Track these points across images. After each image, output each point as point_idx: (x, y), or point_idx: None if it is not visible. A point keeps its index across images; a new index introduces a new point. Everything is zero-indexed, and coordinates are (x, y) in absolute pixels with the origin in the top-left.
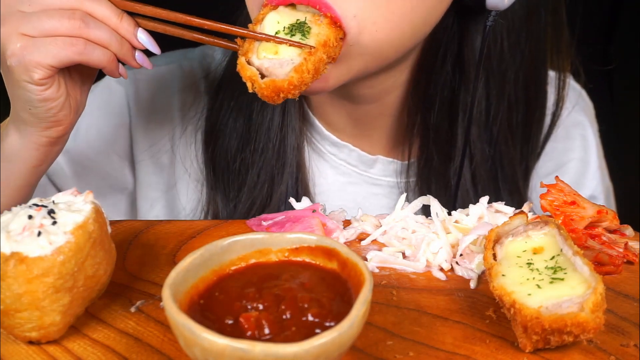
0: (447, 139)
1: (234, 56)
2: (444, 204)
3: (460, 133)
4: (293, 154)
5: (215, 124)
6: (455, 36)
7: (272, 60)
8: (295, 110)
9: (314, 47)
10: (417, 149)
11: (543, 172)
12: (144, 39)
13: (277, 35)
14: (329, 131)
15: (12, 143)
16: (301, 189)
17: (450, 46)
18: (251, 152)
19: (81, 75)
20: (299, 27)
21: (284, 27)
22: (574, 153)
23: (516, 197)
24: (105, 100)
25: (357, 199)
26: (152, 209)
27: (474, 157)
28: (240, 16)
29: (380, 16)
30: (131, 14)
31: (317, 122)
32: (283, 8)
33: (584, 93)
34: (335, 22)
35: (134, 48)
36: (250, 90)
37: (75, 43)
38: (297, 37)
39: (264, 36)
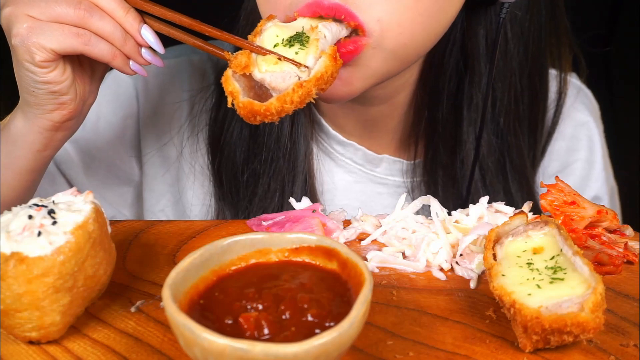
0: (452, 132)
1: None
2: (451, 198)
3: (466, 126)
4: (305, 162)
5: (220, 136)
6: (460, 29)
7: (274, 73)
8: (305, 116)
9: (308, 68)
10: (424, 146)
11: (549, 172)
12: (147, 36)
13: (276, 47)
14: (336, 131)
15: (17, 126)
16: (310, 193)
17: (456, 40)
18: (260, 163)
19: (92, 66)
20: (298, 37)
21: (283, 40)
22: (579, 154)
23: (525, 187)
24: (114, 92)
25: (363, 198)
26: (158, 203)
27: (481, 148)
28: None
29: (406, 18)
30: (140, 13)
31: (323, 122)
32: (283, 24)
33: (589, 94)
34: (357, 28)
35: (141, 45)
36: (229, 105)
37: (82, 34)
38: (296, 47)
39: (261, 49)
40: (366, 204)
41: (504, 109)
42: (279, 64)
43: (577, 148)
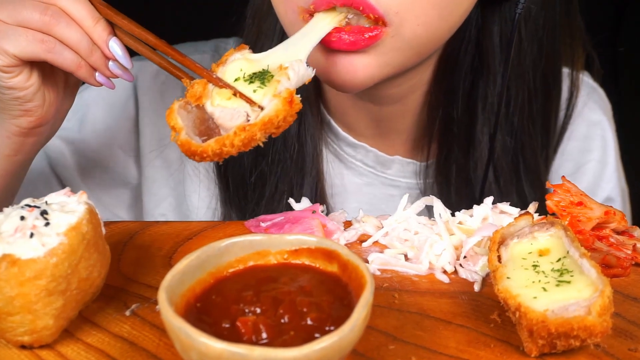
0: (466, 132)
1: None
2: (464, 199)
3: (480, 125)
4: (312, 162)
5: None
6: (475, 26)
7: (225, 109)
8: (313, 117)
9: (262, 109)
10: (437, 146)
11: (562, 174)
12: (115, 49)
13: (236, 81)
14: (346, 132)
15: None
16: (319, 196)
17: (472, 37)
18: (268, 164)
19: (65, 74)
20: (261, 75)
21: (244, 74)
22: (592, 154)
23: (538, 186)
24: (112, 93)
25: (374, 200)
26: (159, 206)
27: (495, 149)
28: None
29: (422, 10)
30: (113, 25)
31: (333, 123)
32: (253, 57)
33: (602, 92)
34: (377, 21)
35: (108, 58)
36: (171, 140)
37: (46, 40)
38: (256, 85)
39: (218, 81)
40: (377, 207)
41: (518, 109)
42: (232, 99)
43: (590, 148)
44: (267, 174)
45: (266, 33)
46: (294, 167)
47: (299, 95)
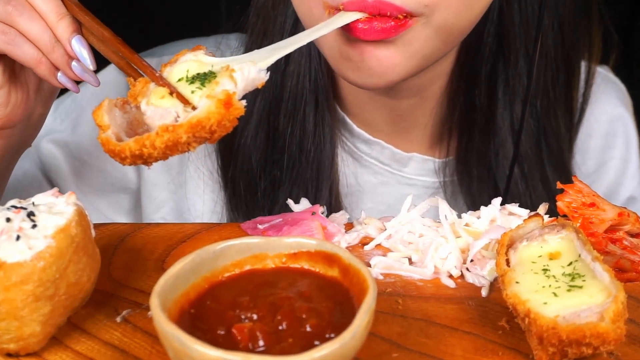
0: (487, 118)
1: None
2: (486, 190)
3: (501, 110)
4: (329, 165)
5: (232, 140)
6: (498, 7)
7: (157, 109)
8: (331, 117)
9: (193, 109)
10: (457, 136)
11: (584, 172)
12: (77, 47)
13: (179, 81)
14: (361, 128)
15: None
16: (334, 199)
17: (494, 19)
18: (282, 169)
19: (41, 79)
20: (202, 77)
21: (187, 75)
22: (615, 151)
23: (561, 170)
24: (106, 91)
25: (389, 200)
26: (159, 211)
27: (521, 134)
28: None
29: (455, 1)
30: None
31: (347, 119)
32: (208, 59)
33: (622, 87)
34: (407, 16)
35: (71, 57)
36: (98, 139)
37: (7, 32)
38: (195, 85)
39: (159, 79)
40: (393, 207)
41: (540, 91)
42: (166, 98)
43: (612, 145)
44: (281, 180)
45: (273, 32)
46: (310, 171)
47: (244, 101)
